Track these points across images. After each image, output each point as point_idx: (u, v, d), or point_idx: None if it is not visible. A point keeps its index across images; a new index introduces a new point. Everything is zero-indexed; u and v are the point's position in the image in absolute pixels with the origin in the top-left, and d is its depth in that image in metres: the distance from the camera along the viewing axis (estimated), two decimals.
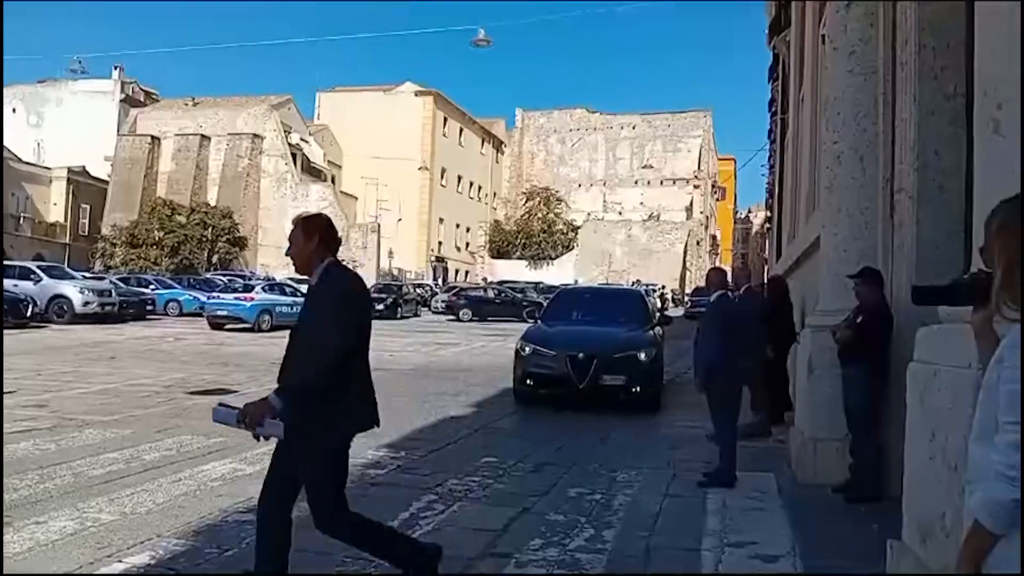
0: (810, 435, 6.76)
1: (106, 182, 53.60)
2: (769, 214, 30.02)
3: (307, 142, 59.43)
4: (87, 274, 31.44)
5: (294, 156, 56.06)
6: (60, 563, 4.26)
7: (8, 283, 23.22)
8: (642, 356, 10.37)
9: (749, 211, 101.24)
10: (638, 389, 10.27)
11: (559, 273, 59.40)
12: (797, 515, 5.72)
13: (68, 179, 51.65)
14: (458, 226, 70.17)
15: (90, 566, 4.25)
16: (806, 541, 5.08)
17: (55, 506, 5.33)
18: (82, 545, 4.58)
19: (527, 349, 10.73)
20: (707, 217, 74.26)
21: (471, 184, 73.11)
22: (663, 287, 49.75)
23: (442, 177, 67.06)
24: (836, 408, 6.30)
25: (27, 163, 51.84)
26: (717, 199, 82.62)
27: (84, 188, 53.10)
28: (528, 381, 10.61)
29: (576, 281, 48.23)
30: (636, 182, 74.08)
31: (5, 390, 10.20)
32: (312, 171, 58.24)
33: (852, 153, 6.63)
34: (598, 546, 4.96)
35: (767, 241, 35.17)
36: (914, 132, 5.29)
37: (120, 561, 4.35)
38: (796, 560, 4.72)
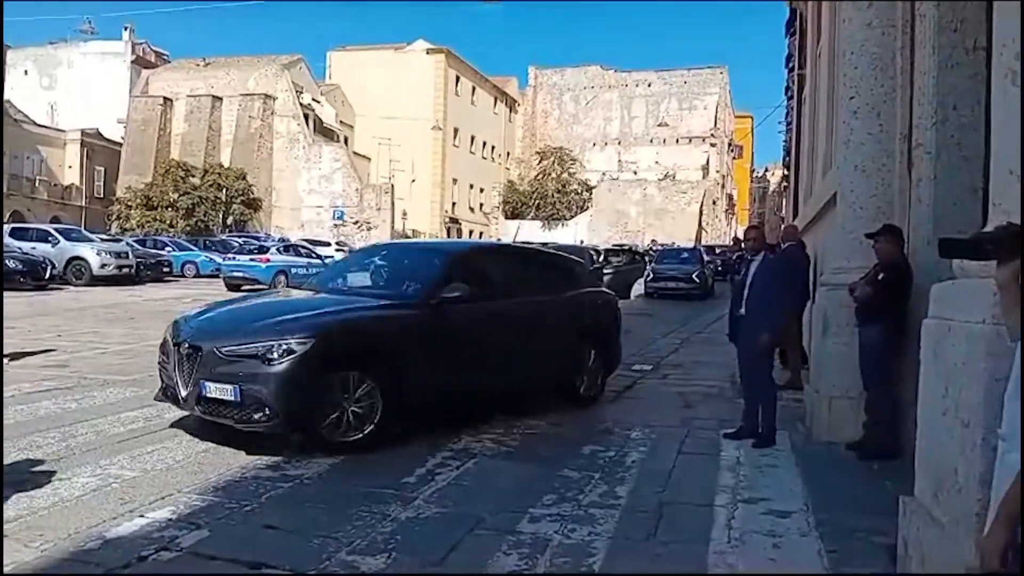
0: (824, 392, 6.77)
1: (119, 144, 53.62)
2: (786, 172, 29.75)
3: (319, 102, 59.06)
4: (104, 236, 31.65)
5: (306, 117, 55.78)
6: (83, 518, 4.36)
7: (26, 246, 23.49)
8: (273, 355, 5.70)
9: (766, 170, 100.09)
10: (265, 414, 5.68)
11: (574, 234, 59.16)
12: (810, 472, 5.75)
13: (82, 141, 51.77)
14: (472, 187, 69.83)
15: (112, 520, 4.35)
16: (818, 497, 5.11)
17: (77, 463, 5.43)
18: (104, 500, 4.68)
19: (168, 335, 6.64)
20: (723, 176, 73.55)
21: (484, 144, 72.57)
22: None
23: (455, 137, 66.60)
24: (851, 365, 6.30)
25: (41, 125, 51.99)
26: (734, 158, 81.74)
27: (98, 150, 53.21)
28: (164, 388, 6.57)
29: (581, 241, 47.67)
30: (651, 141, 73.31)
31: (27, 350, 10.36)
32: (324, 132, 57.98)
33: (869, 108, 6.54)
34: (611, 501, 5.02)
35: (784, 200, 34.81)
36: (932, 86, 5.21)
37: (142, 516, 4.44)
38: (809, 516, 4.76)
